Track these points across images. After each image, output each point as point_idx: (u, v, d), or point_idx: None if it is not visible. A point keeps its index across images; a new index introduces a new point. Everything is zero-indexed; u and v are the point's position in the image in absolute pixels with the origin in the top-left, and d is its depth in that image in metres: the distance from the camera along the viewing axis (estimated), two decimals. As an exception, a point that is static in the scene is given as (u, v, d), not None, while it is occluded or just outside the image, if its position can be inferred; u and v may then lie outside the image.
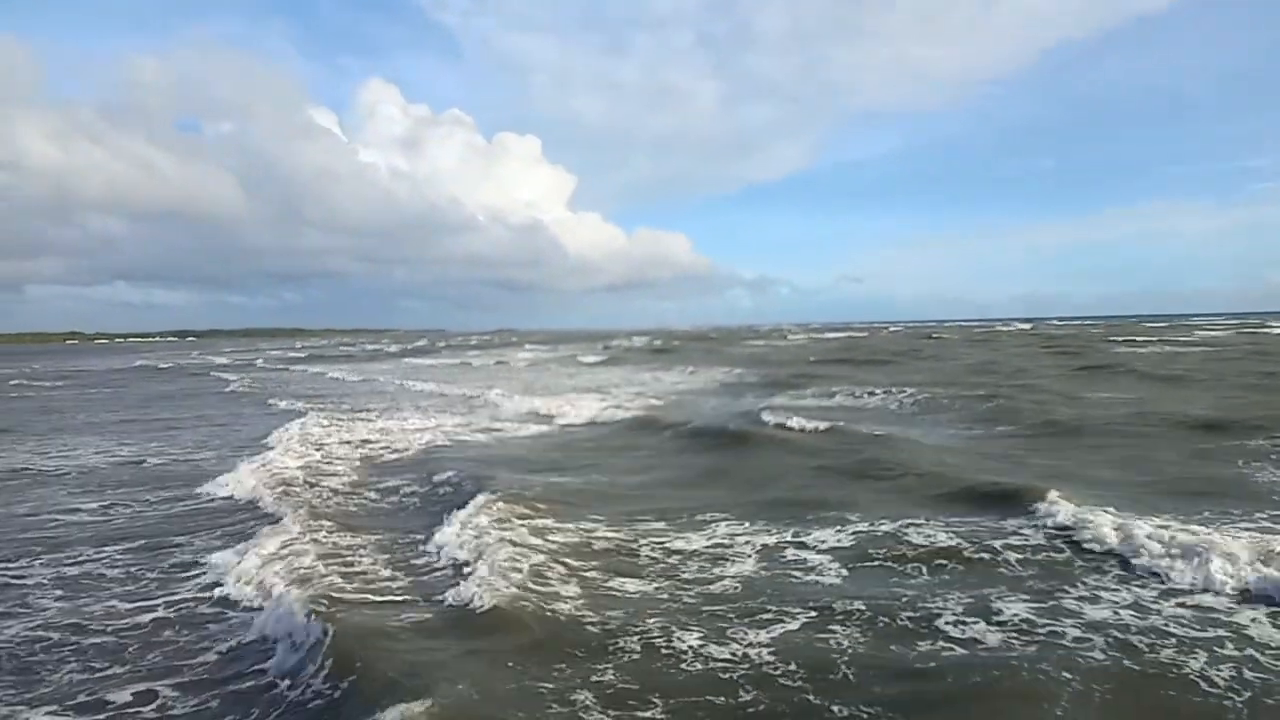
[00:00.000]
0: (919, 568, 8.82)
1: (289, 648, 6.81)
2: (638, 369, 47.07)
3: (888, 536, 9.97)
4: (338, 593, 8.07)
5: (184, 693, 6.38)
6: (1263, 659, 6.32)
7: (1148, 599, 7.66)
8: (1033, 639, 6.79)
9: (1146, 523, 9.44)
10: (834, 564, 9.03)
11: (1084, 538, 9.40)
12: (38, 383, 48.50)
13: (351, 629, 6.98)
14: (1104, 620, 7.14)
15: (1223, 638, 6.73)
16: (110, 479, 15.47)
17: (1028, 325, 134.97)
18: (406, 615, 7.51)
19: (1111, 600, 7.64)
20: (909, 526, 10.31)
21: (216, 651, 7.10)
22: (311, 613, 7.23)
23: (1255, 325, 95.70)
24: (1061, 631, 6.92)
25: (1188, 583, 7.92)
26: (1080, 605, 7.52)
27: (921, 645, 6.74)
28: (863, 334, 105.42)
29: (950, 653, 6.59)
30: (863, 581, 8.42)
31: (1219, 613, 7.27)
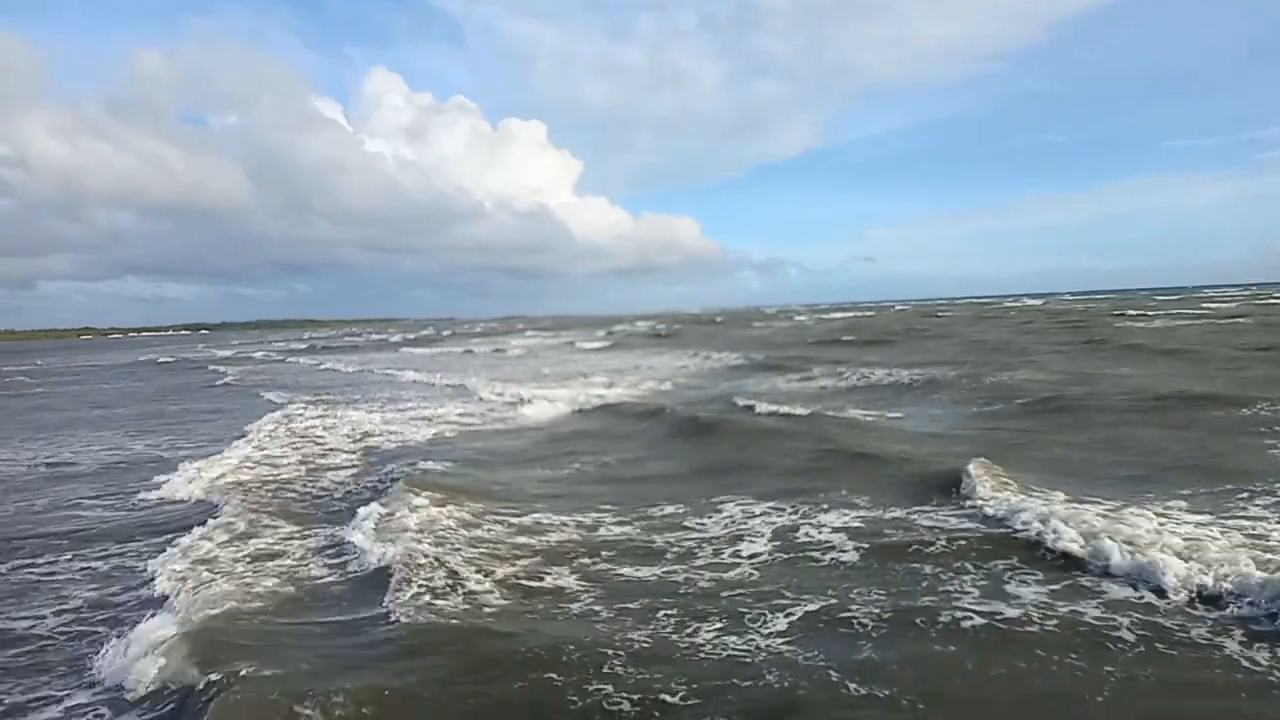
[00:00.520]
0: (829, 556, 8.49)
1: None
2: (634, 354, 46.75)
3: (809, 524, 9.76)
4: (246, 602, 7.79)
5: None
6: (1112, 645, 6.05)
7: (1053, 587, 7.33)
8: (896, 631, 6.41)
9: (1066, 507, 9.16)
10: (758, 554, 8.68)
11: (1015, 525, 9.00)
12: (34, 380, 48.69)
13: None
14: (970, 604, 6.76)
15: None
16: (58, 476, 15.29)
17: (1039, 301, 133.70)
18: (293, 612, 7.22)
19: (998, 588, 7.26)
20: (824, 512, 10.03)
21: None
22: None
23: (1265, 296, 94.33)
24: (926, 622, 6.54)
25: (1095, 569, 7.72)
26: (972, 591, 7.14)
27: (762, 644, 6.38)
28: (869, 314, 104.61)
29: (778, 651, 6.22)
30: (780, 572, 8.06)
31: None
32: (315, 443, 17.46)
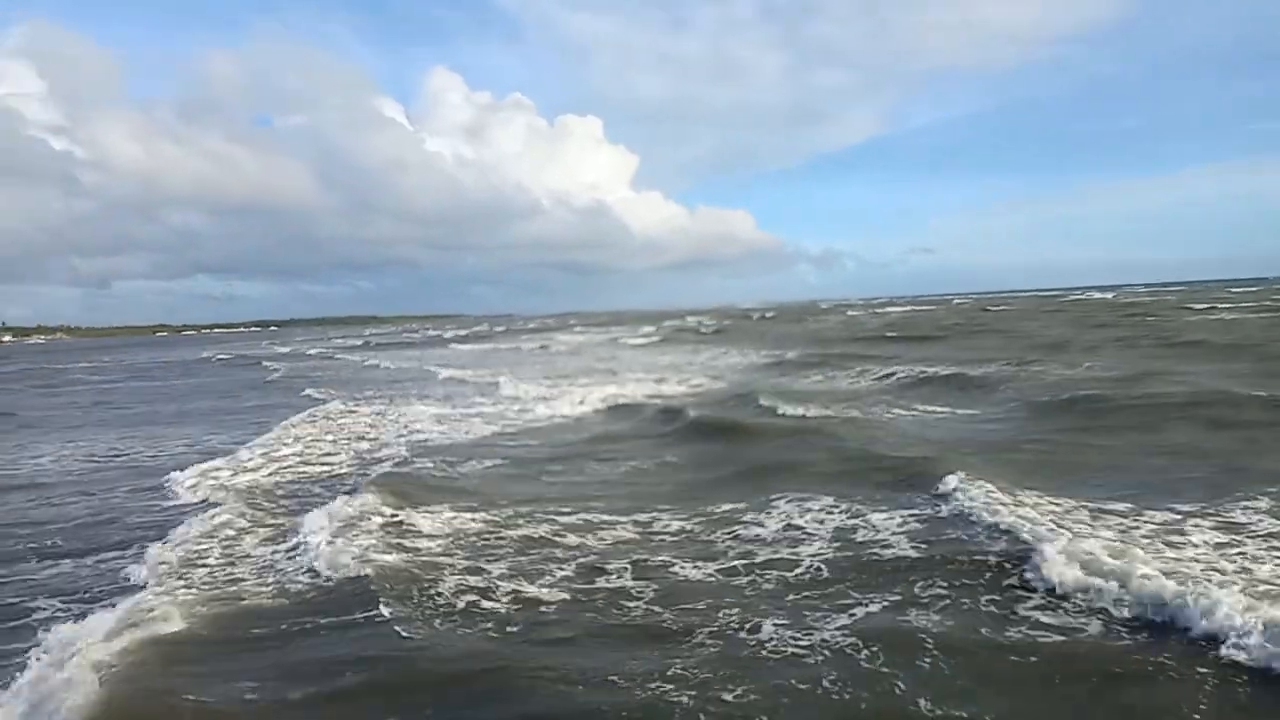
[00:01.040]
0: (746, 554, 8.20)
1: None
2: (678, 350, 46.61)
3: (781, 524, 9.69)
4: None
5: None
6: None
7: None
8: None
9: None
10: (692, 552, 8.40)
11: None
12: (97, 375, 50.62)
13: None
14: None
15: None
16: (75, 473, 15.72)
17: (1109, 294, 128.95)
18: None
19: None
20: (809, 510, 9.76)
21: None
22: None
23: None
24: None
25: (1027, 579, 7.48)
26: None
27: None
28: (926, 308, 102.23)
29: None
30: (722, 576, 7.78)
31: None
32: (329, 441, 17.73)
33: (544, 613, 7.39)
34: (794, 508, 10.47)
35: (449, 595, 7.77)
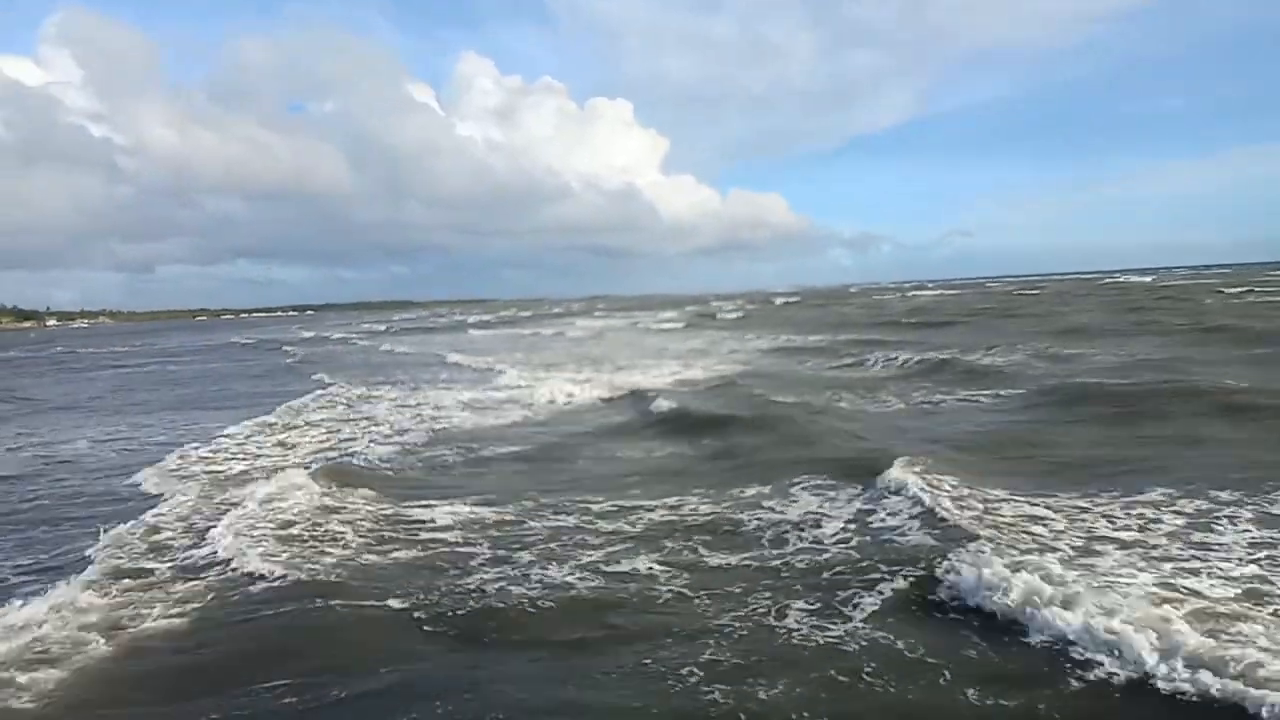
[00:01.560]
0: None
1: None
2: (695, 336, 46.38)
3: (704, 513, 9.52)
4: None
5: None
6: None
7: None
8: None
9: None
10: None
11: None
12: (121, 360, 51.49)
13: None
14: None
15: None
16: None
17: (1148, 279, 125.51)
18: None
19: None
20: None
21: None
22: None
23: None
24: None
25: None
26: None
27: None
28: (958, 292, 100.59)
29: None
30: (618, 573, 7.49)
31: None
32: (313, 429, 17.73)
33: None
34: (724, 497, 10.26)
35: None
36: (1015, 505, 9.29)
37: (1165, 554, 7.58)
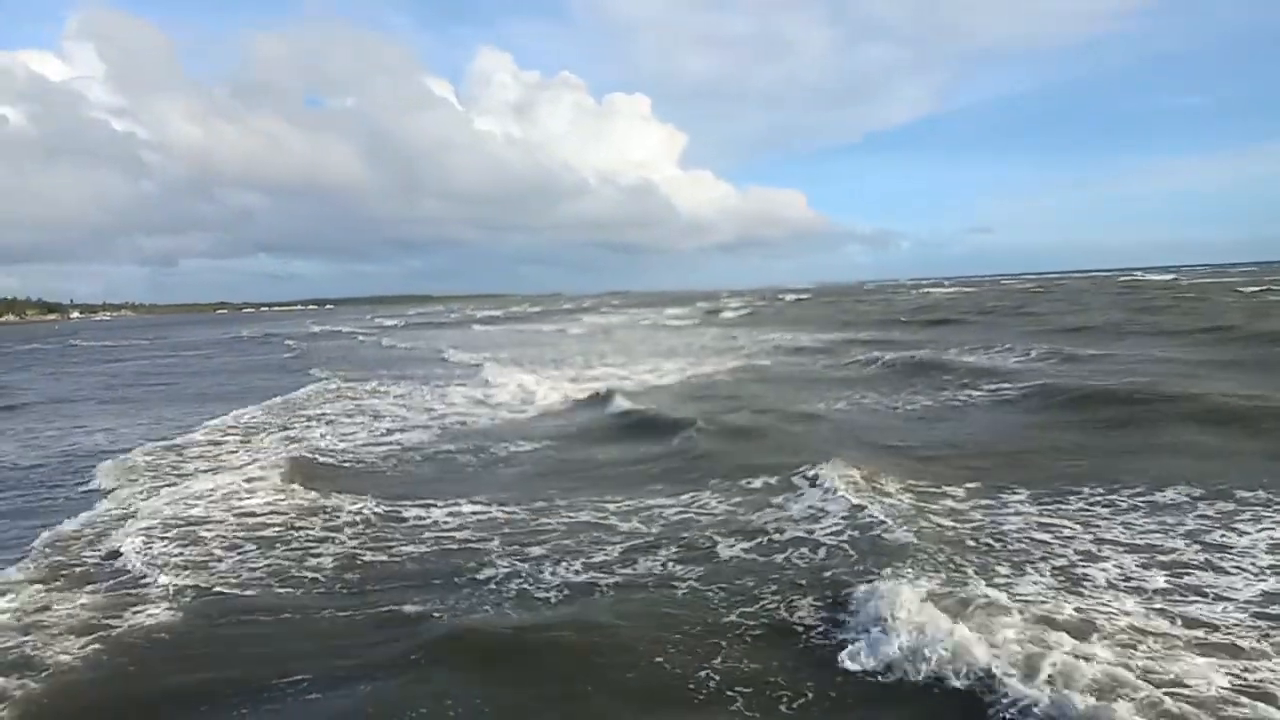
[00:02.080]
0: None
1: None
2: (692, 334, 46.11)
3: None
4: None
5: None
6: None
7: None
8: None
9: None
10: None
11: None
12: (124, 355, 51.91)
13: None
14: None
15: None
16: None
17: (1168, 276, 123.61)
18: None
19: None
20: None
21: None
22: None
23: None
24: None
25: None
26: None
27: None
28: (972, 290, 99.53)
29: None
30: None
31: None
32: (283, 428, 17.63)
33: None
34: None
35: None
36: (958, 514, 8.99)
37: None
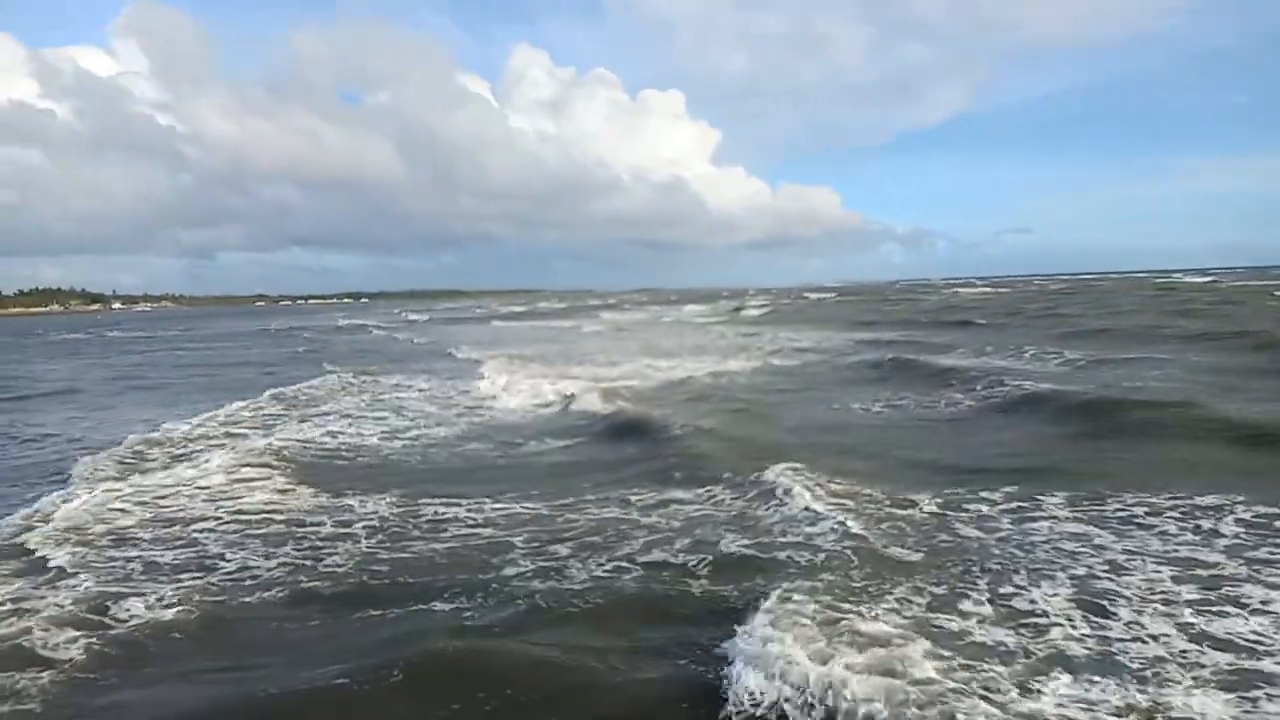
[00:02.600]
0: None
1: None
2: (703, 333, 45.86)
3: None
4: None
5: None
6: None
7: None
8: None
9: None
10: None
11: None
12: (147, 345, 52.82)
13: None
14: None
15: None
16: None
17: (1208, 278, 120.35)
18: None
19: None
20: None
21: None
22: None
23: None
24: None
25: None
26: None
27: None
28: (1003, 290, 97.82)
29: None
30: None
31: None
32: (263, 420, 17.65)
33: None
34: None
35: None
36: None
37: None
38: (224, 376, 30.05)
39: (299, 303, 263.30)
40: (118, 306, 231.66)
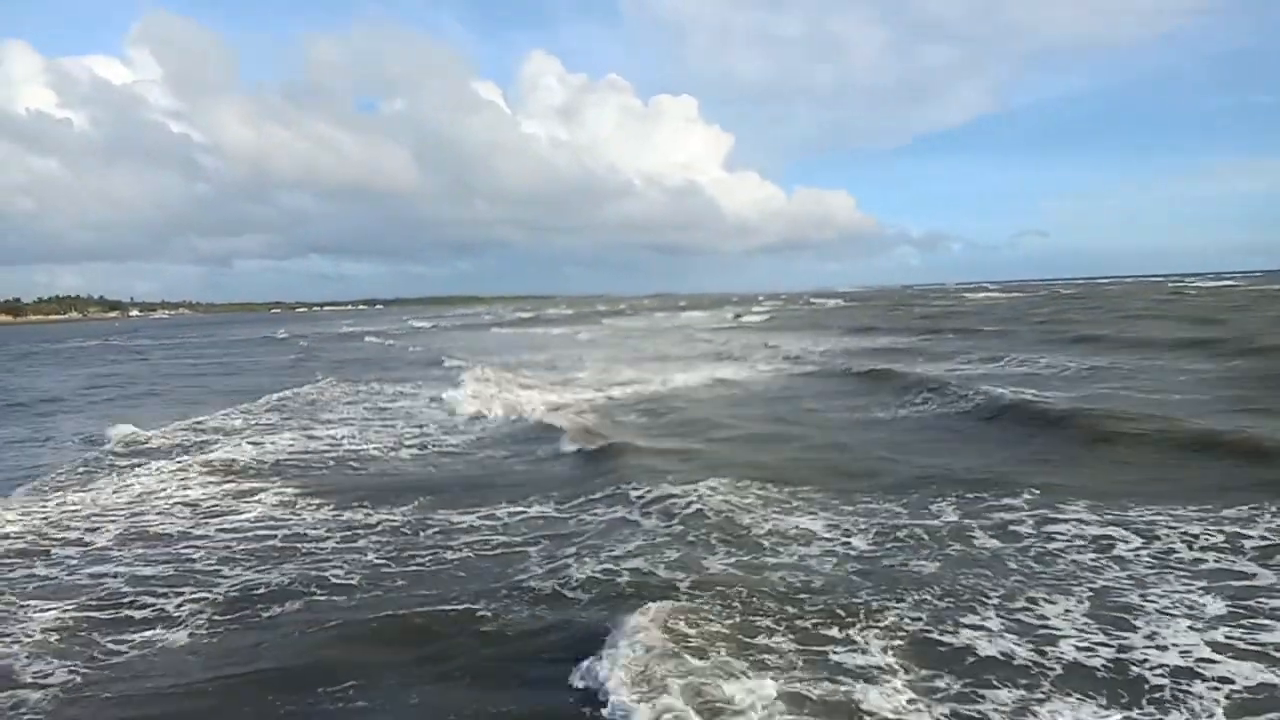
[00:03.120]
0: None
1: None
2: (693, 341, 45.42)
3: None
4: None
5: None
6: None
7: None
8: None
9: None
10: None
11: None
12: (146, 350, 53.15)
13: None
14: None
15: None
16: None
17: (1225, 282, 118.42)
18: None
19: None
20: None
21: None
22: None
23: None
24: None
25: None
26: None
27: None
28: (1015, 294, 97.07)
29: None
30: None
31: None
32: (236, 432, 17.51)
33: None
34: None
35: None
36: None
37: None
38: (207, 385, 30.07)
39: (314, 309, 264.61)
40: (135, 314, 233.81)
